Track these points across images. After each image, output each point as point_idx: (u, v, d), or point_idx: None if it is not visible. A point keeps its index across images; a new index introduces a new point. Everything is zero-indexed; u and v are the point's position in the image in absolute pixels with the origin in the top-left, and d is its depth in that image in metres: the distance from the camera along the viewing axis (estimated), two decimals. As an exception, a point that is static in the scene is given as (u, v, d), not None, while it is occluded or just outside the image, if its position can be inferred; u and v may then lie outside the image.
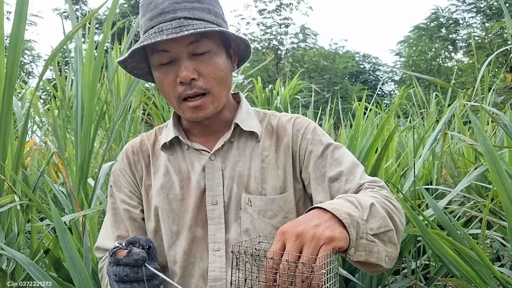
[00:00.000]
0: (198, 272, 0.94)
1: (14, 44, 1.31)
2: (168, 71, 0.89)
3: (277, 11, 19.68)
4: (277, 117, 1.02)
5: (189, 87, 0.88)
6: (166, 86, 0.90)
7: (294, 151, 0.97)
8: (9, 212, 1.46)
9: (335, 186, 0.90)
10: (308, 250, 0.59)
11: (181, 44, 0.86)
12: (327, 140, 0.96)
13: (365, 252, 0.67)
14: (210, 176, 0.94)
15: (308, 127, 0.98)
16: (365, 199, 0.74)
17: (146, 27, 0.89)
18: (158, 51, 0.88)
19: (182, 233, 0.94)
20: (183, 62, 0.87)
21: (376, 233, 0.69)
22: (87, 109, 1.80)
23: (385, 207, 0.76)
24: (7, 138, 1.38)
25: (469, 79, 12.51)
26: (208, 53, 0.88)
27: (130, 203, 0.99)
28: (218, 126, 0.98)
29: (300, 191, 0.96)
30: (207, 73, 0.88)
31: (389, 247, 0.72)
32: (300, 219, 0.64)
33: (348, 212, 0.66)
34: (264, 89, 5.46)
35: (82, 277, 1.18)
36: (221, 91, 0.91)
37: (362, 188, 0.87)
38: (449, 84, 1.08)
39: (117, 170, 1.01)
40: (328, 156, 0.93)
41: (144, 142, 1.03)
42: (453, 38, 17.82)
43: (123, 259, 0.68)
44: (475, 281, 1.06)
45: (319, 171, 0.92)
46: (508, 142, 2.21)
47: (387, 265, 0.71)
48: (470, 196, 1.84)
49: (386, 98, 15.27)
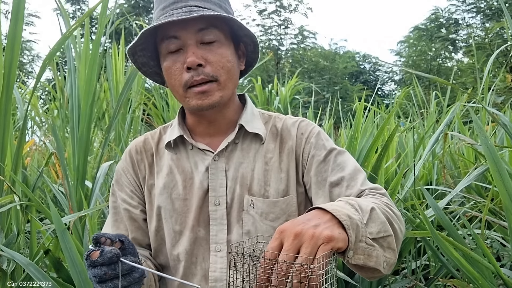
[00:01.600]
0: (200, 272, 0.94)
1: (12, 44, 1.30)
2: (176, 59, 0.90)
3: (277, 12, 19.70)
4: (282, 120, 1.01)
5: (196, 74, 0.88)
6: (173, 73, 0.90)
7: (298, 154, 0.97)
8: (9, 212, 1.45)
9: (336, 191, 0.89)
10: (306, 250, 0.58)
11: (190, 30, 0.87)
12: (330, 145, 0.96)
13: (363, 255, 0.67)
14: (214, 177, 0.94)
15: (313, 131, 0.98)
16: (365, 203, 0.73)
17: (157, 15, 0.91)
18: (167, 37, 0.89)
19: (185, 233, 0.94)
20: (191, 48, 0.88)
21: (375, 237, 0.69)
22: (84, 109, 1.80)
23: (385, 213, 0.76)
24: (6, 139, 1.37)
25: (469, 79, 12.51)
26: (216, 42, 0.89)
27: (130, 202, 0.99)
28: (223, 125, 0.98)
29: (302, 195, 0.96)
30: (215, 61, 0.89)
31: (388, 252, 0.71)
32: (300, 218, 0.64)
33: (348, 214, 0.65)
34: (264, 89, 5.46)
35: (83, 277, 1.18)
36: (228, 81, 0.91)
37: (363, 194, 0.87)
38: (450, 83, 1.08)
39: (120, 169, 1.01)
40: (330, 161, 0.93)
41: (148, 141, 1.03)
42: (453, 38, 17.82)
43: (98, 260, 0.68)
44: (478, 282, 1.06)
45: (320, 176, 0.92)
46: (508, 142, 2.21)
47: (385, 271, 0.71)
48: (470, 196, 1.84)
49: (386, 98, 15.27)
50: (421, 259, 1.93)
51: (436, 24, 18.51)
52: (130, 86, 1.91)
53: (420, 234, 1.20)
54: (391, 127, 2.80)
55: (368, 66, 23.37)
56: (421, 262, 1.91)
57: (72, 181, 1.83)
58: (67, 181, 1.75)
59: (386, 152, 1.58)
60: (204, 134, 0.99)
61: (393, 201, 0.88)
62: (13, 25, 1.30)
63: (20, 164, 1.48)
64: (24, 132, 1.46)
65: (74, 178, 1.82)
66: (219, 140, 0.98)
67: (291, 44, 20.82)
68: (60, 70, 2.52)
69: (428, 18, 18.73)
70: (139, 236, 0.99)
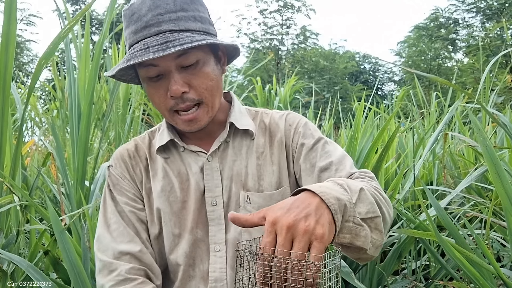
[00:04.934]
0: (198, 274, 0.93)
1: (6, 43, 1.30)
2: (157, 85, 0.87)
3: (279, 11, 19.71)
4: (269, 115, 1.02)
5: (181, 101, 0.87)
6: (156, 99, 0.89)
7: (287, 145, 0.98)
8: (8, 213, 1.45)
9: (325, 176, 0.90)
10: (299, 245, 0.59)
11: (168, 58, 0.84)
12: (318, 134, 0.98)
13: (350, 234, 0.67)
14: (209, 177, 0.94)
15: (300, 122, 0.99)
16: (355, 183, 0.74)
17: (131, 41, 0.87)
18: (145, 65, 0.86)
19: (184, 236, 0.93)
20: (173, 76, 0.85)
21: (364, 217, 0.69)
22: (84, 109, 1.79)
23: (374, 195, 0.76)
24: (4, 139, 1.37)
25: (469, 79, 12.50)
26: (197, 63, 0.86)
27: (135, 205, 0.96)
28: (212, 128, 0.98)
29: (294, 185, 0.97)
30: (198, 84, 0.87)
31: (375, 233, 0.72)
32: (290, 204, 0.63)
33: (336, 197, 0.65)
34: (264, 89, 5.45)
35: (81, 278, 1.18)
36: (214, 99, 0.91)
37: (353, 177, 0.87)
38: (450, 83, 1.08)
39: (115, 175, 0.98)
40: (318, 149, 0.94)
41: (139, 145, 1.01)
42: (453, 38, 17.82)
43: None
44: (479, 283, 1.06)
45: (309, 163, 0.93)
46: (508, 143, 2.20)
47: (370, 252, 0.71)
48: (470, 197, 1.83)
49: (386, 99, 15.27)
50: (421, 260, 1.92)
51: (436, 24, 18.50)
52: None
53: (422, 235, 1.19)
54: (391, 128, 2.80)
55: (368, 66, 23.37)
56: (421, 262, 1.91)
57: (71, 181, 1.83)
58: (66, 181, 1.75)
59: (386, 153, 1.58)
60: (193, 137, 0.99)
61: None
62: (7, 25, 1.29)
63: (19, 164, 1.47)
64: (22, 132, 1.46)
65: (74, 178, 1.82)
66: (209, 140, 0.98)
67: (292, 45, 20.83)
68: (60, 70, 2.52)
69: (428, 17, 18.72)
70: (148, 238, 0.96)
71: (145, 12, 0.84)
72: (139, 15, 0.85)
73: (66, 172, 1.79)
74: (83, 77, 1.91)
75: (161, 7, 0.84)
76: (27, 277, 1.35)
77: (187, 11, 0.85)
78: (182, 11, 0.85)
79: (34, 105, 3.47)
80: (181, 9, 0.85)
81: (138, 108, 3.59)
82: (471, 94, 1.21)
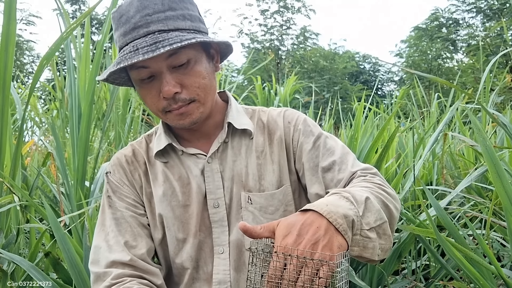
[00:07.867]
0: (202, 276, 0.93)
1: (6, 43, 1.30)
2: (149, 86, 0.87)
3: (279, 12, 19.71)
4: (266, 112, 1.01)
5: (174, 101, 0.86)
6: (149, 100, 0.88)
7: (287, 143, 0.97)
8: (8, 213, 1.45)
9: (328, 176, 0.90)
10: (308, 270, 0.61)
11: (159, 58, 0.83)
12: (318, 130, 0.97)
13: (358, 247, 0.69)
14: (210, 180, 0.93)
15: (299, 119, 0.99)
16: (359, 193, 0.74)
17: (120, 43, 0.86)
18: (136, 67, 0.85)
19: (189, 240, 0.93)
20: (164, 76, 0.84)
21: (372, 226, 0.71)
22: (84, 109, 1.79)
23: (380, 198, 0.77)
24: (4, 139, 1.37)
25: (469, 79, 12.49)
26: (188, 62, 0.85)
27: (136, 211, 0.95)
28: (210, 129, 0.97)
29: (295, 183, 0.97)
30: (190, 84, 0.86)
31: (383, 239, 0.73)
32: (299, 228, 0.65)
33: (343, 214, 0.66)
34: (264, 89, 5.45)
35: (82, 277, 1.18)
36: (206, 97, 0.89)
37: (355, 176, 0.88)
38: (450, 83, 1.08)
39: (114, 182, 0.96)
40: (320, 147, 0.94)
41: (137, 150, 1.00)
42: (453, 38, 17.82)
43: None
44: (479, 282, 1.06)
45: (312, 162, 0.93)
46: (508, 143, 2.20)
47: (379, 258, 0.72)
48: (470, 197, 1.83)
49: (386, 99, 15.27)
50: (421, 259, 1.92)
51: (436, 24, 18.50)
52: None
53: (423, 233, 1.19)
54: (391, 128, 2.80)
55: (368, 66, 23.37)
56: (421, 262, 1.91)
57: (71, 181, 1.83)
58: (66, 181, 1.75)
59: (386, 153, 1.58)
60: (192, 139, 0.98)
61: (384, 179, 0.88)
62: (6, 25, 1.29)
63: (19, 164, 1.47)
64: (22, 132, 1.46)
65: (74, 178, 1.82)
66: (207, 142, 0.97)
67: (292, 45, 20.83)
68: (60, 70, 2.52)
69: (429, 18, 18.72)
70: (151, 243, 0.95)
71: (133, 13, 0.83)
72: (127, 17, 0.84)
73: (66, 172, 1.79)
74: (83, 77, 1.91)
75: (149, 8, 0.83)
76: (27, 277, 1.35)
77: (175, 10, 0.84)
78: (170, 10, 0.84)
79: (34, 105, 3.47)
80: (170, 8, 0.84)
81: (138, 108, 3.58)
82: (471, 94, 1.21)
